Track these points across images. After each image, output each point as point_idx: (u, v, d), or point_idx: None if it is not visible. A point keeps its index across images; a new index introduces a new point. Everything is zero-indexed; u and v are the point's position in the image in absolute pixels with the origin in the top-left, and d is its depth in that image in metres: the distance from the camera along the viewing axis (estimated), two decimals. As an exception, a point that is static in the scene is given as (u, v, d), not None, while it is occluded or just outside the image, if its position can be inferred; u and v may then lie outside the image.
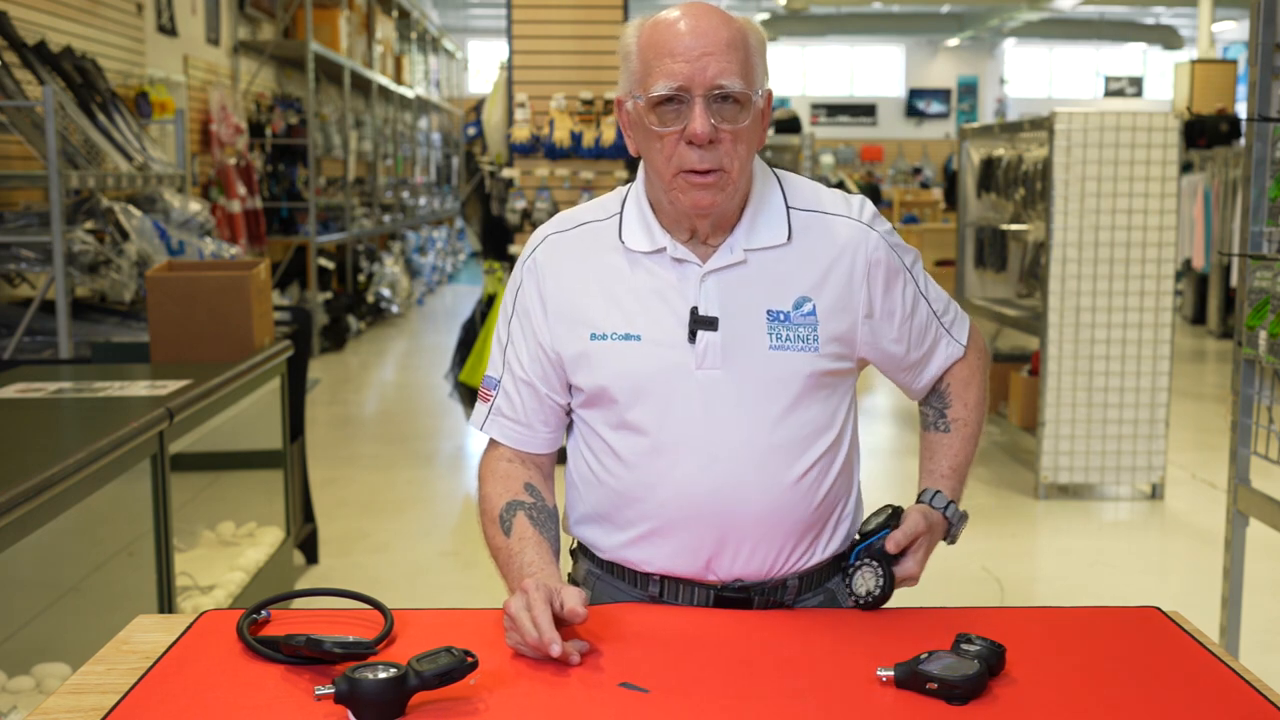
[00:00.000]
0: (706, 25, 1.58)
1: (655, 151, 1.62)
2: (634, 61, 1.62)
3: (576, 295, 1.70)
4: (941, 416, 1.83)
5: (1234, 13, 19.93)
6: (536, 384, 1.73)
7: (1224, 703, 1.40)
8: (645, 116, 1.60)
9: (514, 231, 6.00)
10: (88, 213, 4.83)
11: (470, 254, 17.74)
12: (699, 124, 1.56)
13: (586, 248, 1.72)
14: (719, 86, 1.57)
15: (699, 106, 1.57)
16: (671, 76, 1.57)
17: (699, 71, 1.56)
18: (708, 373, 1.65)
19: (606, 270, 1.70)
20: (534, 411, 1.75)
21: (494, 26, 21.16)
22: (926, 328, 1.79)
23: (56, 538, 2.91)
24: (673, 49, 1.58)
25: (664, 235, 1.68)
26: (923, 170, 21.81)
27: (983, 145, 6.99)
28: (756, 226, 1.68)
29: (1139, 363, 5.57)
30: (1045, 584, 4.73)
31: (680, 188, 1.61)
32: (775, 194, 1.71)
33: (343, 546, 4.94)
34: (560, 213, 1.82)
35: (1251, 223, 3.04)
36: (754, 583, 1.71)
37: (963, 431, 1.82)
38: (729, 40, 1.58)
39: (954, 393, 1.83)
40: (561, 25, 5.95)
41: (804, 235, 1.69)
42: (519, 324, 1.75)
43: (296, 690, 1.40)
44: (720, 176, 1.60)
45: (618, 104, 1.68)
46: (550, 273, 1.72)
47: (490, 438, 1.78)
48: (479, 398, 1.80)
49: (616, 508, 1.72)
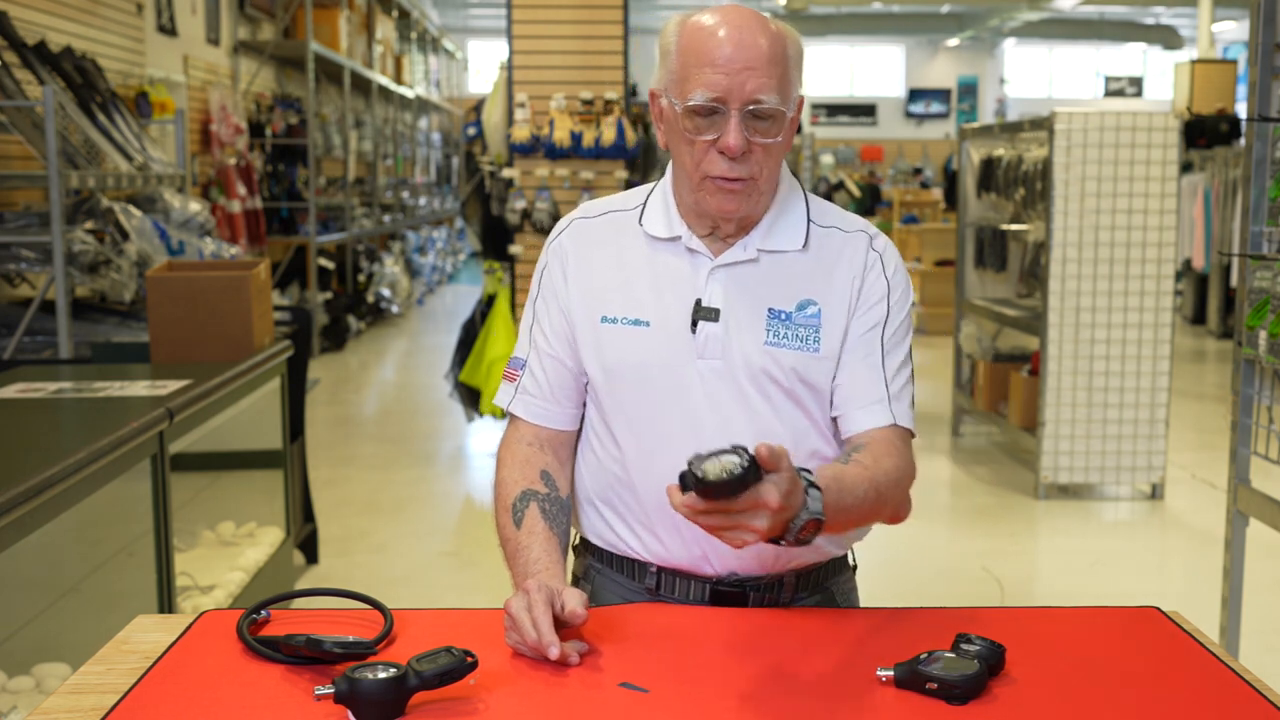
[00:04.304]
0: (748, 37, 1.58)
1: (685, 154, 1.64)
2: (673, 61, 1.63)
3: (595, 278, 1.74)
4: (849, 456, 1.65)
5: (1234, 13, 19.93)
6: (563, 358, 1.75)
7: (1224, 703, 1.40)
8: (680, 121, 1.62)
9: (514, 231, 5.99)
10: (88, 213, 4.83)
11: (470, 254, 17.74)
12: (733, 138, 1.58)
13: (609, 234, 1.76)
14: (756, 101, 1.58)
15: (734, 120, 1.58)
16: (710, 87, 1.58)
17: (738, 85, 1.57)
18: (708, 363, 1.67)
19: (625, 256, 1.73)
20: (559, 386, 1.76)
21: (494, 26, 21.15)
22: (866, 369, 1.68)
23: (56, 538, 2.91)
24: (713, 58, 1.58)
25: (682, 225, 1.71)
26: (923, 170, 21.81)
27: (983, 145, 6.99)
28: (775, 230, 1.70)
29: (1139, 363, 5.57)
30: (1045, 584, 4.73)
31: (709, 190, 1.63)
32: (800, 206, 1.74)
33: (343, 546, 4.94)
34: (590, 201, 1.85)
35: (1251, 223, 3.04)
36: (749, 577, 1.71)
37: (861, 472, 1.59)
38: (769, 54, 1.58)
39: (870, 447, 1.65)
40: (561, 25, 5.95)
41: (820, 247, 1.71)
42: (544, 302, 1.78)
43: (296, 690, 1.40)
44: (749, 184, 1.62)
45: (652, 95, 1.70)
46: (574, 255, 1.76)
47: (512, 419, 1.80)
48: (504, 378, 1.81)
49: (616, 493, 1.74)
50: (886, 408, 1.68)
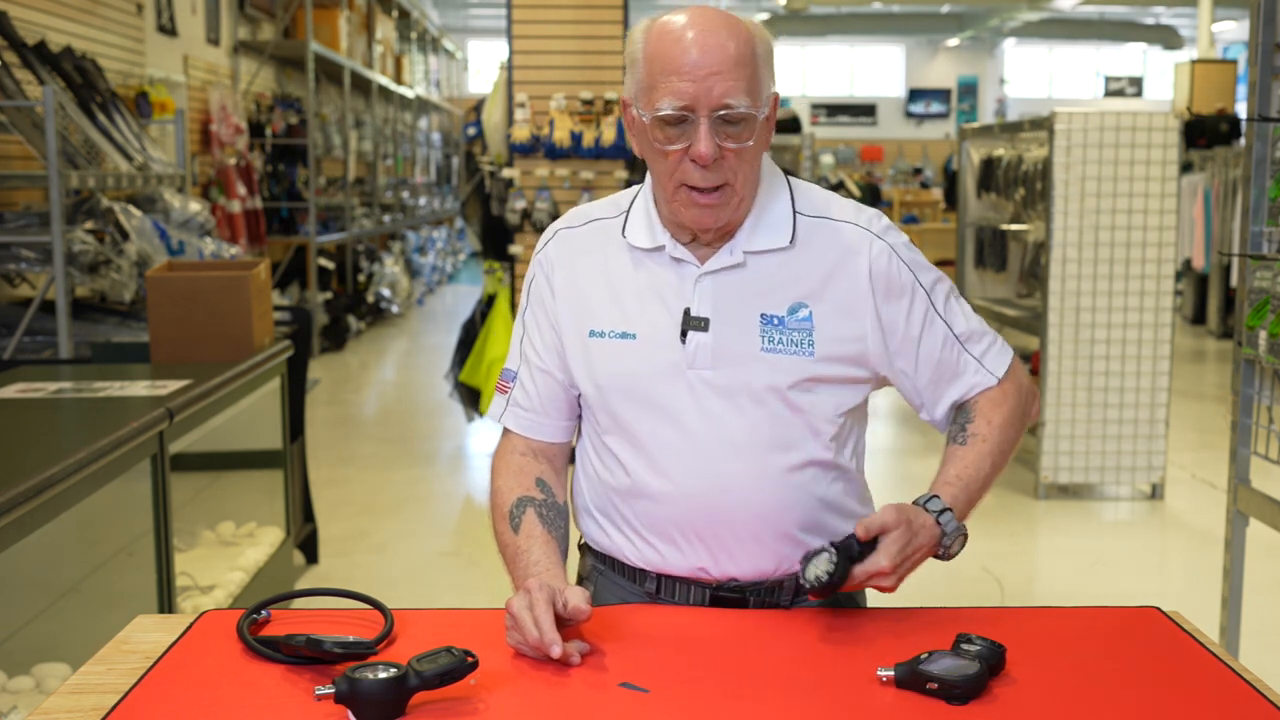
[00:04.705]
0: (714, 40, 1.55)
1: (658, 163, 1.62)
2: (640, 70, 1.60)
3: (581, 290, 1.72)
4: (962, 430, 1.73)
5: (1234, 13, 19.93)
6: (554, 371, 1.75)
7: (1224, 703, 1.40)
8: (650, 131, 1.59)
9: (514, 231, 5.99)
10: (88, 213, 4.83)
11: (470, 254, 17.73)
12: (704, 145, 1.55)
13: (594, 244, 1.74)
14: (725, 106, 1.55)
15: (704, 127, 1.55)
16: (677, 95, 1.55)
17: (704, 92, 1.54)
18: (699, 373, 1.65)
19: (610, 267, 1.71)
20: (549, 400, 1.76)
21: (494, 26, 21.15)
22: (944, 353, 1.71)
23: (56, 538, 2.91)
24: (679, 66, 1.55)
25: (664, 234, 1.68)
26: (923, 170, 21.81)
27: (983, 145, 6.99)
28: (759, 229, 1.67)
29: (1139, 363, 5.57)
30: (1045, 584, 4.73)
31: (683, 201, 1.61)
32: (783, 198, 1.70)
33: (343, 546, 4.94)
34: (575, 208, 1.83)
35: (1251, 223, 3.04)
36: (749, 583, 1.71)
37: (979, 447, 1.71)
38: (736, 56, 1.55)
39: (979, 410, 1.73)
40: (561, 25, 5.95)
41: (808, 241, 1.68)
42: (533, 315, 1.77)
43: (296, 690, 1.40)
44: (724, 192, 1.60)
45: (623, 104, 1.68)
46: (560, 266, 1.75)
47: (504, 431, 1.80)
48: (497, 390, 1.81)
49: (613, 504, 1.73)
50: (978, 369, 1.73)
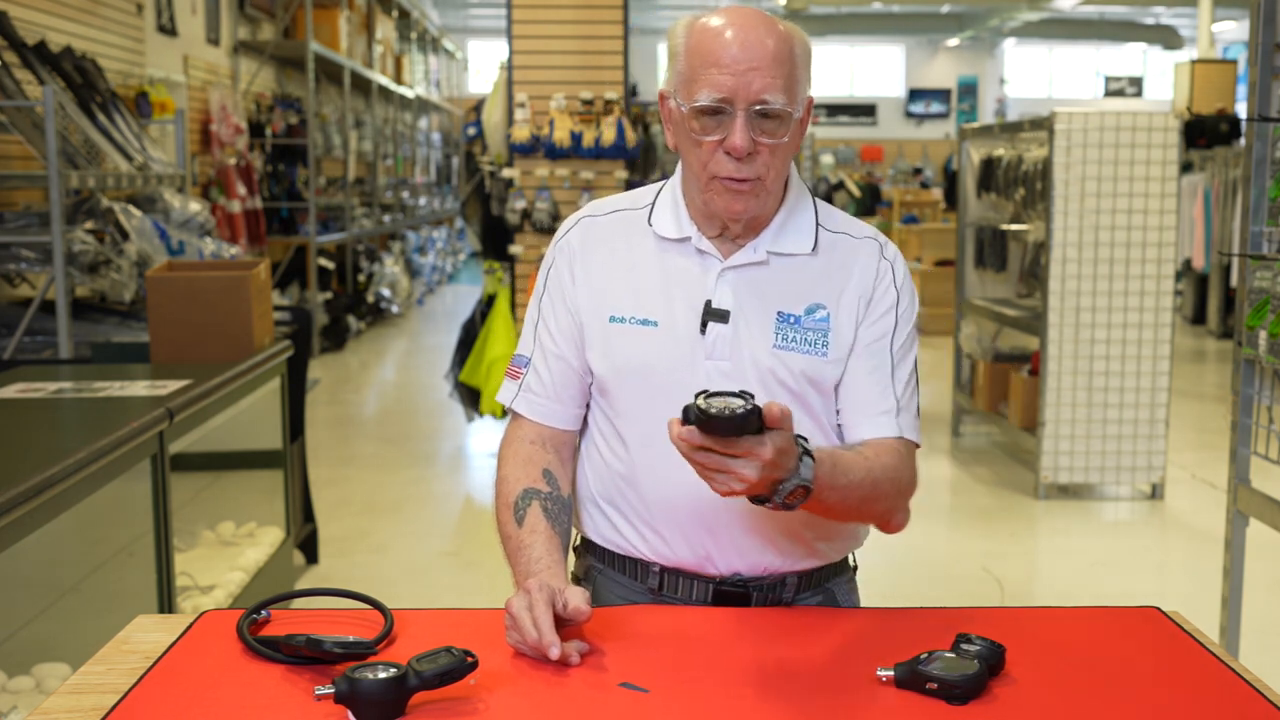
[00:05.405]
0: (754, 37, 1.58)
1: (693, 154, 1.65)
2: (680, 63, 1.64)
3: (604, 277, 1.74)
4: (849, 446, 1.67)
5: (1234, 13, 19.93)
6: (569, 357, 1.75)
7: (1224, 703, 1.40)
8: (687, 122, 1.62)
9: (514, 231, 5.99)
10: (88, 213, 4.83)
11: (470, 254, 17.74)
12: (739, 138, 1.58)
13: (618, 232, 1.76)
14: (762, 102, 1.58)
15: (740, 120, 1.58)
16: (716, 88, 1.58)
17: (743, 85, 1.57)
18: (716, 364, 1.67)
19: (634, 255, 1.73)
20: (563, 386, 1.76)
21: (494, 26, 21.15)
22: (870, 374, 1.69)
23: (56, 538, 2.91)
24: (719, 59, 1.58)
25: (691, 226, 1.71)
26: (923, 170, 21.80)
27: (983, 145, 6.99)
28: (785, 233, 1.71)
29: (1139, 363, 5.57)
30: (1045, 584, 4.73)
31: (716, 190, 1.64)
32: (809, 210, 1.74)
33: (343, 546, 4.94)
34: (597, 200, 1.85)
35: (1251, 223, 3.04)
36: (752, 578, 1.71)
37: (855, 457, 1.61)
38: (775, 54, 1.59)
39: (872, 446, 1.66)
40: (561, 25, 5.95)
41: (829, 252, 1.72)
42: (550, 300, 1.78)
43: (296, 690, 1.40)
44: (756, 185, 1.63)
45: (661, 97, 1.70)
46: (582, 253, 1.76)
47: (514, 416, 1.80)
48: (507, 375, 1.81)
49: (620, 492, 1.74)
50: (893, 419, 1.69)
